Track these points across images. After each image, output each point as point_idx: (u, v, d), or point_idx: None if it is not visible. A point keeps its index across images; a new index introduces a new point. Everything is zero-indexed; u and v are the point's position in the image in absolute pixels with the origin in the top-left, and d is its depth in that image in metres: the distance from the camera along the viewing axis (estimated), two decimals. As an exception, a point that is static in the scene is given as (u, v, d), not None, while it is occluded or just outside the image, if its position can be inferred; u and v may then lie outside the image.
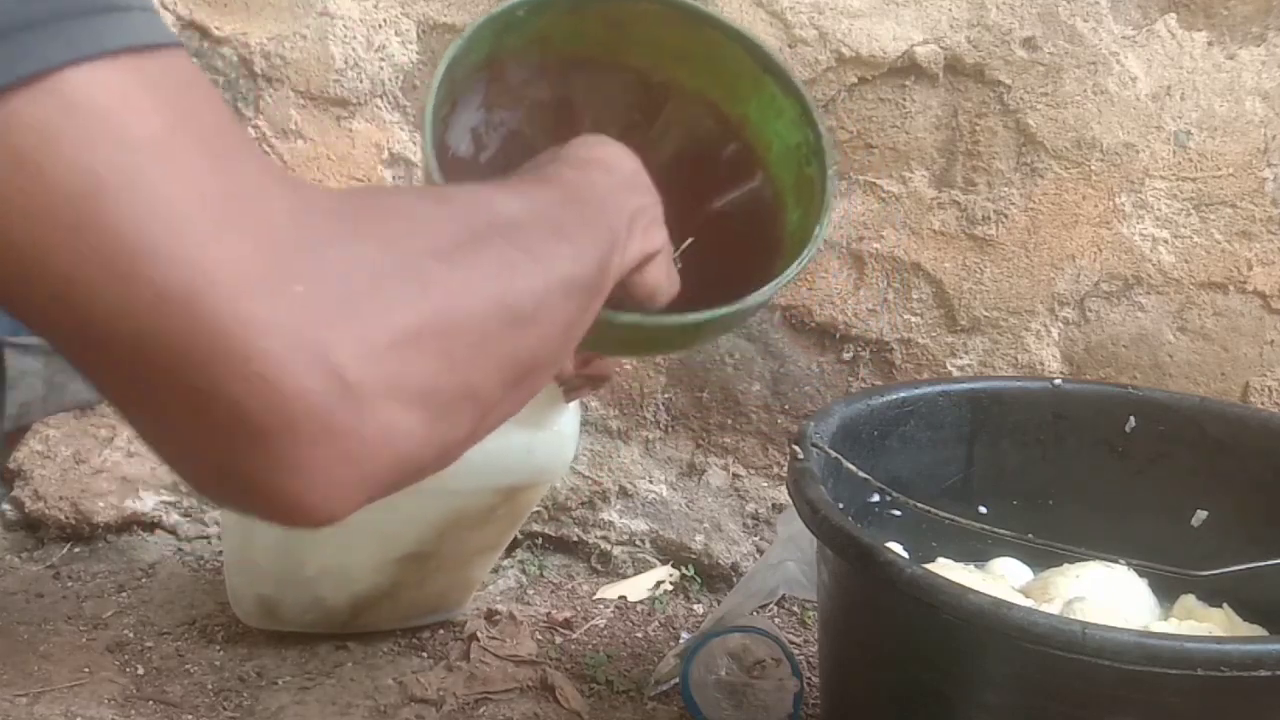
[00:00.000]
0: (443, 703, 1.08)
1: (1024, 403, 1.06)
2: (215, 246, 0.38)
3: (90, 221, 0.36)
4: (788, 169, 0.91)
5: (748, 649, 1.06)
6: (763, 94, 0.90)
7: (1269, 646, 0.68)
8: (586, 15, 0.85)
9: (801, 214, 0.90)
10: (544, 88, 0.88)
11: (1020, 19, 1.12)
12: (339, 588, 1.12)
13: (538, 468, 1.05)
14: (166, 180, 0.37)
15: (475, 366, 0.46)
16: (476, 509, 1.07)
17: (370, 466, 0.41)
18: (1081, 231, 1.16)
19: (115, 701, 1.07)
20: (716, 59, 0.90)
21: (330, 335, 0.39)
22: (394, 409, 0.41)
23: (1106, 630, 0.68)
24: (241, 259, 0.38)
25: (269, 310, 0.38)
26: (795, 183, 0.90)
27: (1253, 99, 1.11)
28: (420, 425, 0.43)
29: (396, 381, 0.41)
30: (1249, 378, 1.17)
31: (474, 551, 1.15)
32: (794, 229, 0.90)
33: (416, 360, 0.42)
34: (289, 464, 0.39)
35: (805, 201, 0.90)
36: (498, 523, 1.11)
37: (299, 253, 0.40)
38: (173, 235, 0.37)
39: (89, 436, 1.35)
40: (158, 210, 0.37)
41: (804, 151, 0.89)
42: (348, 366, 0.39)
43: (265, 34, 1.24)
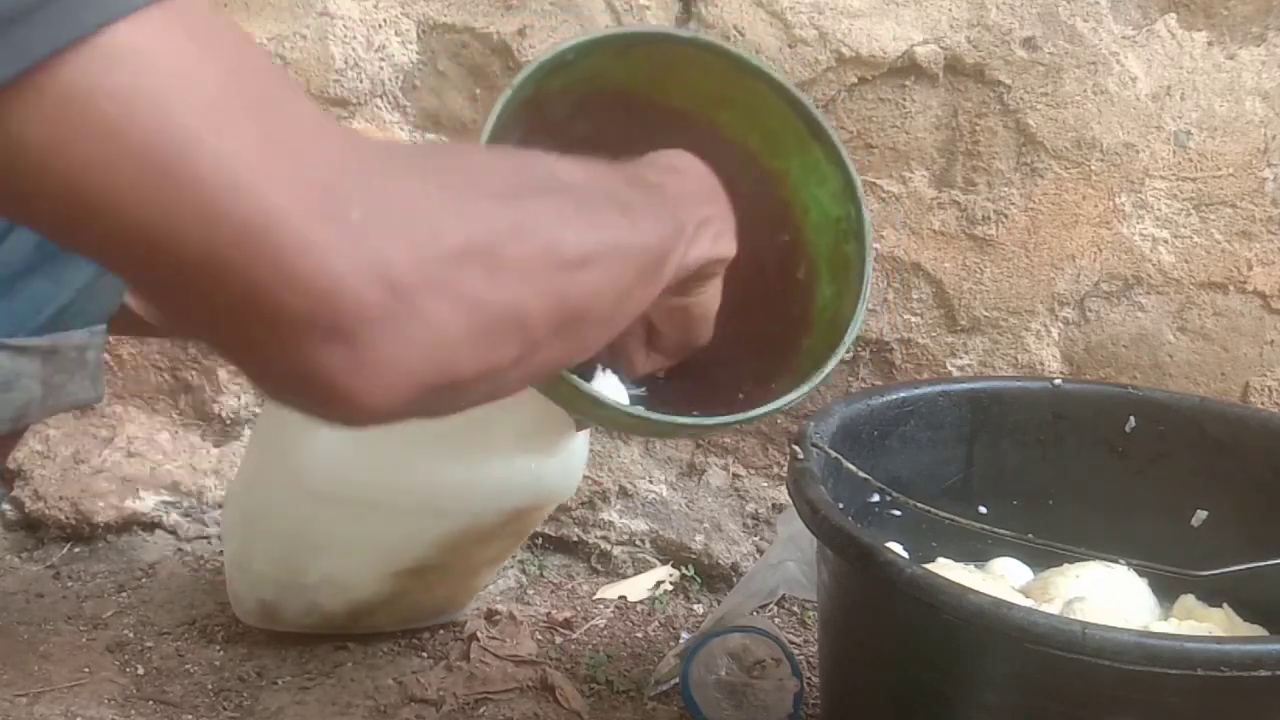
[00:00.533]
0: (443, 703, 1.08)
1: (1024, 403, 1.06)
2: (284, 183, 0.42)
3: (175, 175, 0.40)
4: (824, 239, 0.89)
5: (748, 649, 1.06)
6: (807, 156, 0.88)
7: (1269, 646, 0.68)
8: (633, 57, 0.85)
9: (835, 292, 0.88)
10: (583, 126, 0.87)
11: (1020, 19, 1.12)
12: (339, 596, 1.12)
13: (545, 491, 1.05)
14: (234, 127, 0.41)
15: (522, 293, 0.49)
16: (481, 529, 1.06)
17: (416, 364, 0.46)
18: (1081, 231, 1.16)
19: (115, 701, 1.07)
20: (760, 110, 0.88)
21: (384, 250, 0.44)
22: (442, 307, 0.46)
23: (1106, 630, 0.68)
24: (306, 192, 0.43)
25: (331, 235, 0.43)
26: (830, 256, 0.89)
27: (1253, 99, 1.11)
28: (466, 330, 0.47)
29: (445, 286, 0.46)
30: (1249, 378, 1.17)
31: (477, 565, 1.15)
32: (824, 305, 0.89)
33: (462, 275, 0.46)
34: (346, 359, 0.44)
35: (839, 279, 0.88)
36: (502, 540, 1.11)
37: (354, 183, 0.44)
38: (248, 177, 0.41)
39: (89, 436, 1.36)
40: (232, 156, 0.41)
41: (844, 227, 0.88)
42: (401, 273, 0.44)
43: (265, 34, 1.24)
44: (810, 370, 0.83)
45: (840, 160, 0.88)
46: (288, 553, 1.08)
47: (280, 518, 1.06)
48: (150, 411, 1.36)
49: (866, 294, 0.85)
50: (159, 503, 1.36)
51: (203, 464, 1.36)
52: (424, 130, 1.25)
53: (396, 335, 0.45)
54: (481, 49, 1.21)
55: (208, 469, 1.36)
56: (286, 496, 1.03)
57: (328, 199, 0.43)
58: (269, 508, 1.07)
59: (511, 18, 1.20)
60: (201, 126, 0.40)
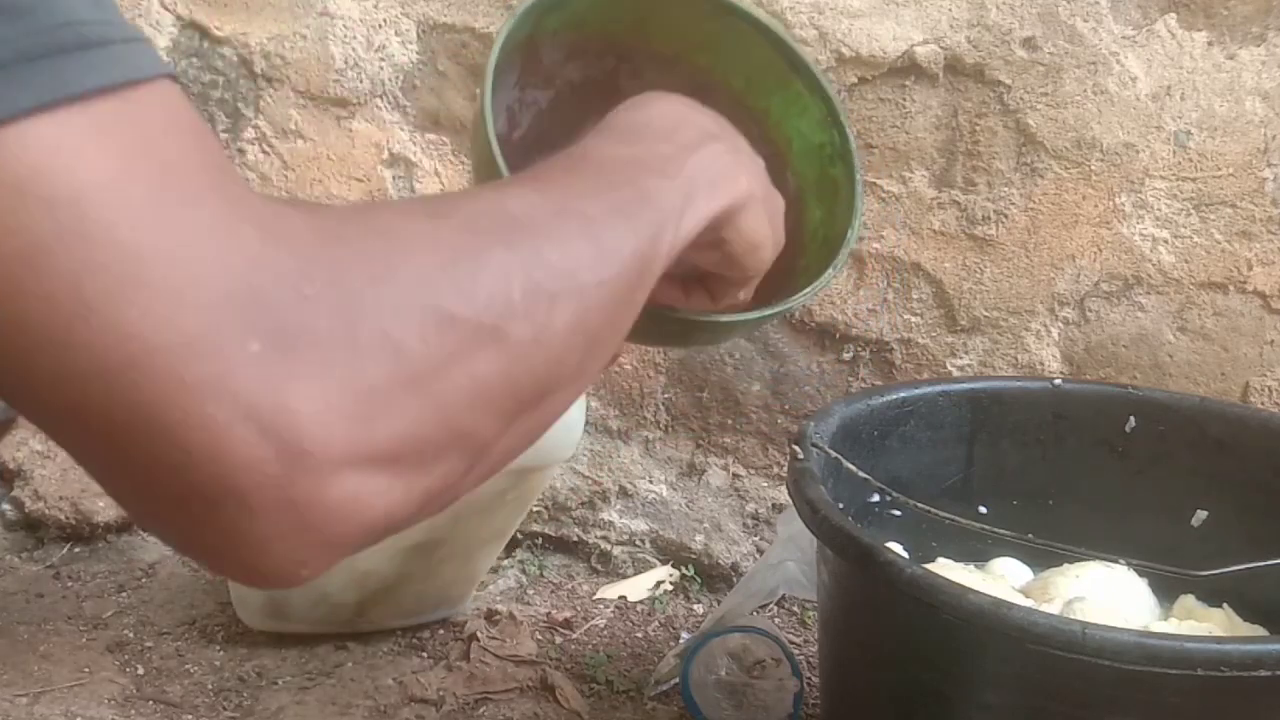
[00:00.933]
0: (443, 703, 1.08)
1: (1024, 403, 1.06)
2: (160, 306, 0.35)
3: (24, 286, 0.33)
4: (809, 166, 0.91)
5: (748, 649, 1.06)
6: (788, 90, 0.90)
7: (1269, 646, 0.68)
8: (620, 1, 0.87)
9: (825, 213, 0.90)
10: (575, 69, 0.89)
11: (1020, 19, 1.12)
12: (347, 580, 1.11)
13: (546, 449, 1.06)
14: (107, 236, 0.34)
15: (467, 408, 0.41)
16: (487, 494, 1.07)
17: (336, 532, 0.38)
18: (1081, 231, 1.16)
19: (115, 701, 1.07)
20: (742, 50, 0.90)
21: (287, 399, 0.36)
22: (361, 474, 0.38)
23: (1106, 630, 0.68)
24: (189, 319, 0.35)
25: (217, 374, 0.35)
26: (817, 181, 0.91)
27: (1253, 99, 1.11)
28: (396, 484, 0.39)
29: (364, 443, 0.37)
30: (1249, 378, 1.17)
31: (482, 540, 1.15)
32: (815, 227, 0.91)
33: (388, 418, 0.38)
34: (242, 534, 0.37)
35: (828, 201, 0.90)
36: (506, 508, 1.11)
37: (257, 305, 0.36)
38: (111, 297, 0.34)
39: (89, 436, 1.35)
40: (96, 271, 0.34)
41: (828, 152, 0.90)
42: (305, 432, 0.36)
43: (265, 34, 1.24)
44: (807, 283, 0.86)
45: (820, 89, 0.90)
46: None
47: None
48: (150, 411, 1.36)
49: (859, 207, 0.87)
50: (159, 503, 1.36)
51: (203, 464, 1.36)
52: (424, 130, 1.25)
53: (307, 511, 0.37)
54: (481, 49, 1.21)
55: (208, 469, 1.36)
56: None
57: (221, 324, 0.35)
58: None
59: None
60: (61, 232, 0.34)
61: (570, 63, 0.88)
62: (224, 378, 0.35)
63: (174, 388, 0.35)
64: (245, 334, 0.35)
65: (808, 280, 0.86)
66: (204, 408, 0.35)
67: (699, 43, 0.90)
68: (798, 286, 0.87)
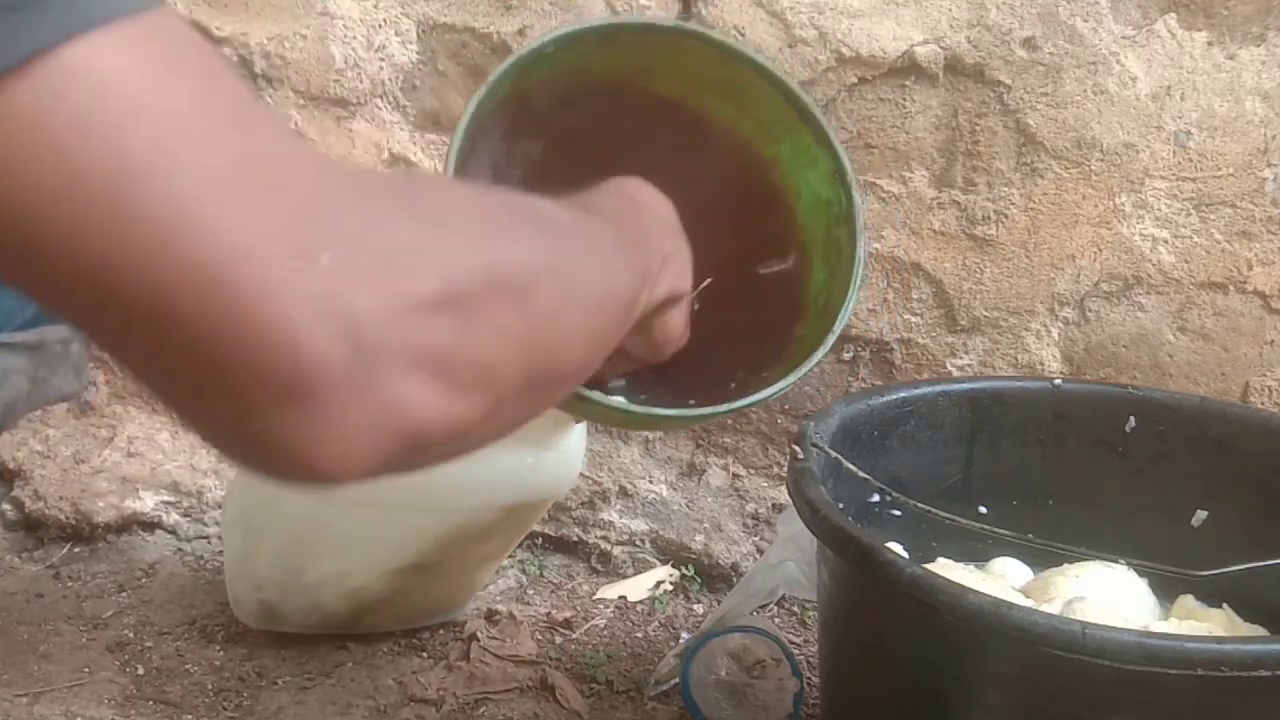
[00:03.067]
0: (443, 703, 1.08)
1: (1024, 403, 1.06)
2: (246, 219, 0.38)
3: (124, 203, 0.37)
4: (817, 223, 0.88)
5: (748, 649, 1.06)
6: (797, 140, 0.87)
7: (1269, 646, 0.68)
8: (618, 47, 0.83)
9: (827, 276, 0.87)
10: (570, 116, 0.86)
11: (1020, 19, 1.12)
12: (339, 595, 1.12)
13: (542, 485, 1.06)
14: (195, 156, 0.38)
15: (493, 348, 0.46)
16: (480, 525, 1.07)
17: (384, 430, 0.42)
18: (1081, 231, 1.16)
19: (115, 701, 1.07)
20: (750, 96, 0.87)
21: (352, 302, 0.40)
22: (410, 376, 0.42)
23: (1106, 630, 0.68)
24: (271, 230, 0.39)
25: (295, 280, 0.39)
26: (823, 241, 0.88)
27: (1253, 99, 1.11)
28: (434, 396, 0.43)
29: (414, 348, 0.42)
30: (1249, 378, 1.17)
31: (476, 562, 1.15)
32: (818, 291, 0.88)
33: (434, 330, 0.43)
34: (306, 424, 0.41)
35: (832, 263, 0.87)
36: (500, 536, 1.11)
37: (325, 221, 0.40)
38: (205, 212, 0.38)
39: (89, 436, 1.36)
40: (189, 188, 0.37)
41: (835, 212, 0.87)
42: (367, 332, 0.40)
43: (265, 34, 1.24)
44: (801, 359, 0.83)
45: (828, 142, 0.87)
46: (289, 551, 1.08)
47: (281, 516, 1.06)
48: (150, 411, 1.36)
49: (858, 279, 0.84)
50: (159, 503, 1.36)
51: (203, 464, 1.36)
52: (424, 130, 1.25)
53: (361, 398, 0.41)
54: (481, 49, 1.21)
55: (208, 469, 1.36)
56: (287, 494, 1.03)
57: (294, 240, 0.39)
58: (270, 506, 1.07)
59: (511, 18, 1.20)
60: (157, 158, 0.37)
61: (566, 109, 0.85)
62: (301, 281, 0.39)
63: (258, 293, 0.38)
64: (316, 246, 0.40)
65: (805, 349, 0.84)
66: (283, 307, 0.39)
67: (705, 86, 0.87)
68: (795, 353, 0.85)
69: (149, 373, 0.42)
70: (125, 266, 0.37)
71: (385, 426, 0.42)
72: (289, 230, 0.39)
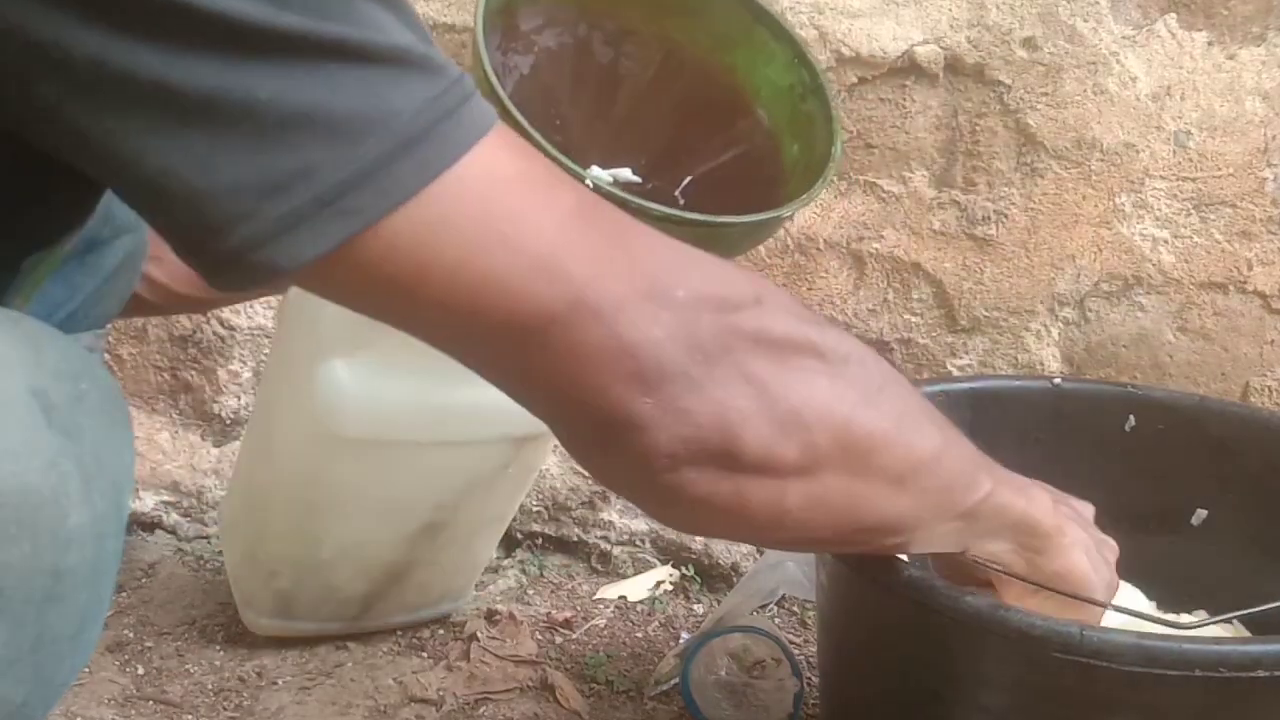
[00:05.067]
0: (443, 703, 1.08)
1: (1024, 402, 1.06)
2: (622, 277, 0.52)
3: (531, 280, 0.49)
4: (780, 108, 0.98)
5: (748, 649, 1.06)
6: (753, 41, 0.97)
7: (1268, 647, 0.68)
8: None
9: (802, 146, 0.95)
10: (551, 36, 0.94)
11: (1020, 19, 1.12)
12: (355, 570, 1.11)
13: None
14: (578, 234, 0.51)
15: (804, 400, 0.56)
16: (489, 468, 1.08)
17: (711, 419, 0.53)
18: (1081, 231, 1.16)
19: (115, 701, 1.07)
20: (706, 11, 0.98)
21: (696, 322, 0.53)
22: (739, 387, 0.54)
23: (1104, 632, 0.68)
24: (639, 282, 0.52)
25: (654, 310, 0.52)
26: (790, 120, 0.97)
27: (1253, 99, 1.11)
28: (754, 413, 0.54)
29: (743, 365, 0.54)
30: (1249, 378, 1.17)
31: (483, 522, 1.15)
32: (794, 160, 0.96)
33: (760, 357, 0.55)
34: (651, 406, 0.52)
35: (804, 136, 0.97)
36: (506, 484, 1.12)
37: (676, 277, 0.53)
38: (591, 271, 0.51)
39: (89, 436, 1.35)
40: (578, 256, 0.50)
41: (799, 91, 0.96)
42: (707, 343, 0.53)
43: (265, 34, 1.24)
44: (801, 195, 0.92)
45: (785, 35, 1.00)
46: (302, 521, 1.08)
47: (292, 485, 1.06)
48: (150, 411, 1.36)
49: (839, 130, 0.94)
50: (159, 503, 1.36)
51: (203, 464, 1.36)
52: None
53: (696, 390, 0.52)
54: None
55: (208, 469, 1.36)
56: (301, 449, 1.04)
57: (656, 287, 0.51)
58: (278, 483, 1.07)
59: (511, 18, 1.20)
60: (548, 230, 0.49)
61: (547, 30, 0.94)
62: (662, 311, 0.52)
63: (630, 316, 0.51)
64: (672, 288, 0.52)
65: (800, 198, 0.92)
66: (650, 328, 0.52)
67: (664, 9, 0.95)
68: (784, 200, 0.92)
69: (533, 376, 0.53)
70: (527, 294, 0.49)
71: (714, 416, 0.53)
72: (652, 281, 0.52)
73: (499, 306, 0.49)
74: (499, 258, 0.48)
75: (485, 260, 0.48)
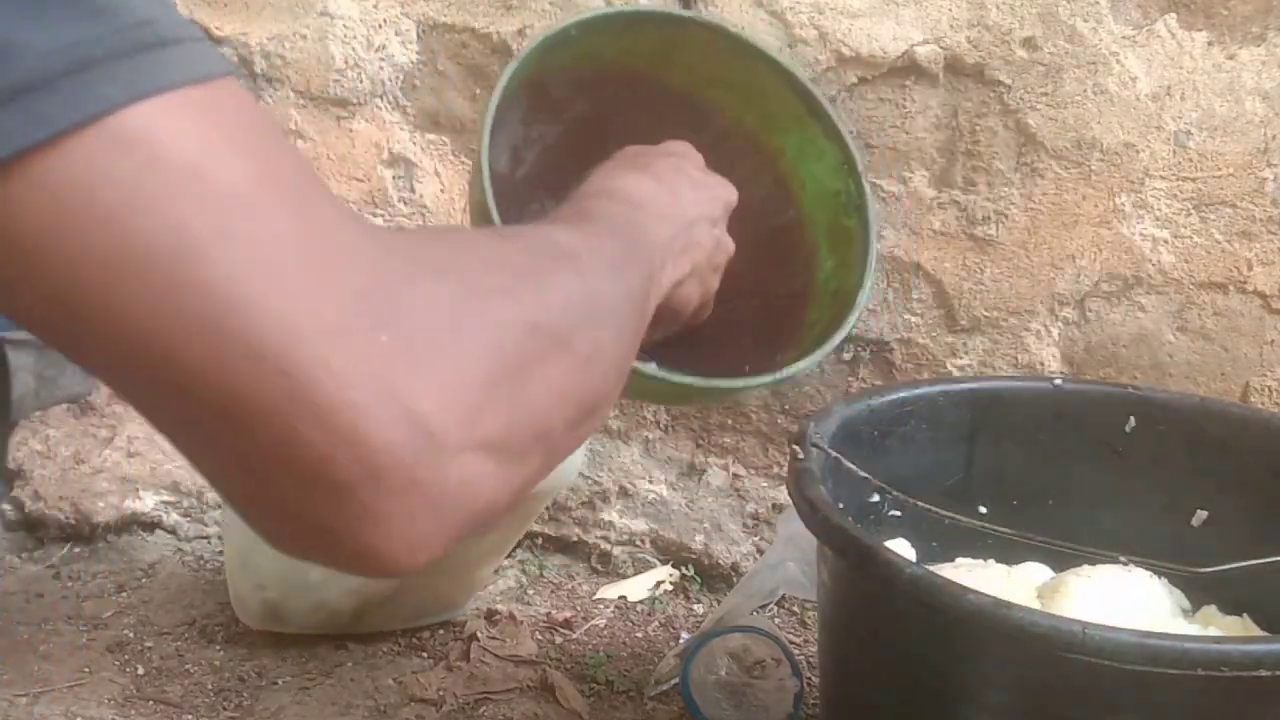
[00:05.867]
0: (443, 703, 1.08)
1: (1024, 403, 1.06)
2: (305, 298, 0.37)
3: (180, 279, 0.35)
4: (822, 213, 0.90)
5: (748, 649, 1.06)
6: (804, 133, 0.89)
7: (1269, 647, 0.68)
8: (634, 36, 0.86)
9: (837, 263, 0.89)
10: (585, 104, 0.88)
11: (1020, 19, 1.12)
12: (343, 591, 1.12)
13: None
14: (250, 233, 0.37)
15: (546, 409, 0.46)
16: None
17: (451, 516, 0.41)
18: (1081, 231, 1.16)
19: (115, 701, 1.07)
20: (758, 89, 0.90)
21: (414, 385, 0.39)
22: (473, 458, 0.41)
23: (1107, 630, 0.68)
24: (330, 309, 0.38)
25: (356, 362, 0.38)
26: (829, 230, 0.90)
27: (1253, 99, 1.11)
28: (497, 472, 0.43)
29: (476, 430, 0.41)
30: (1249, 378, 1.17)
31: (478, 556, 1.15)
32: (827, 278, 0.90)
33: (493, 408, 0.42)
34: (372, 515, 0.39)
35: (841, 251, 0.89)
36: (503, 529, 1.11)
37: (383, 300, 0.39)
38: (263, 289, 0.36)
39: (89, 436, 1.35)
40: (247, 265, 0.36)
41: (843, 201, 0.89)
42: (430, 417, 0.39)
43: (265, 34, 1.24)
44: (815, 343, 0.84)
45: (837, 135, 0.89)
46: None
47: None
48: (150, 411, 1.35)
49: (873, 264, 0.86)
50: (159, 503, 1.36)
51: (203, 464, 1.36)
52: (424, 130, 1.25)
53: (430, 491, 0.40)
54: (481, 49, 1.21)
55: (208, 469, 1.36)
56: None
57: (356, 316, 0.38)
58: None
59: (511, 18, 1.20)
60: (214, 230, 0.36)
61: (580, 97, 0.87)
62: (363, 364, 0.38)
63: (322, 373, 0.37)
64: (377, 326, 0.38)
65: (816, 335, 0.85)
66: (346, 392, 0.37)
67: (716, 79, 0.89)
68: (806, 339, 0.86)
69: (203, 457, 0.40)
70: (176, 342, 0.36)
71: (455, 510, 0.41)
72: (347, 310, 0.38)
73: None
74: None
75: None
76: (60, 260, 0.35)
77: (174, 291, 0.35)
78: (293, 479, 0.38)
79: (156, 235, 0.35)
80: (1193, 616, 0.98)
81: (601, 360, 0.51)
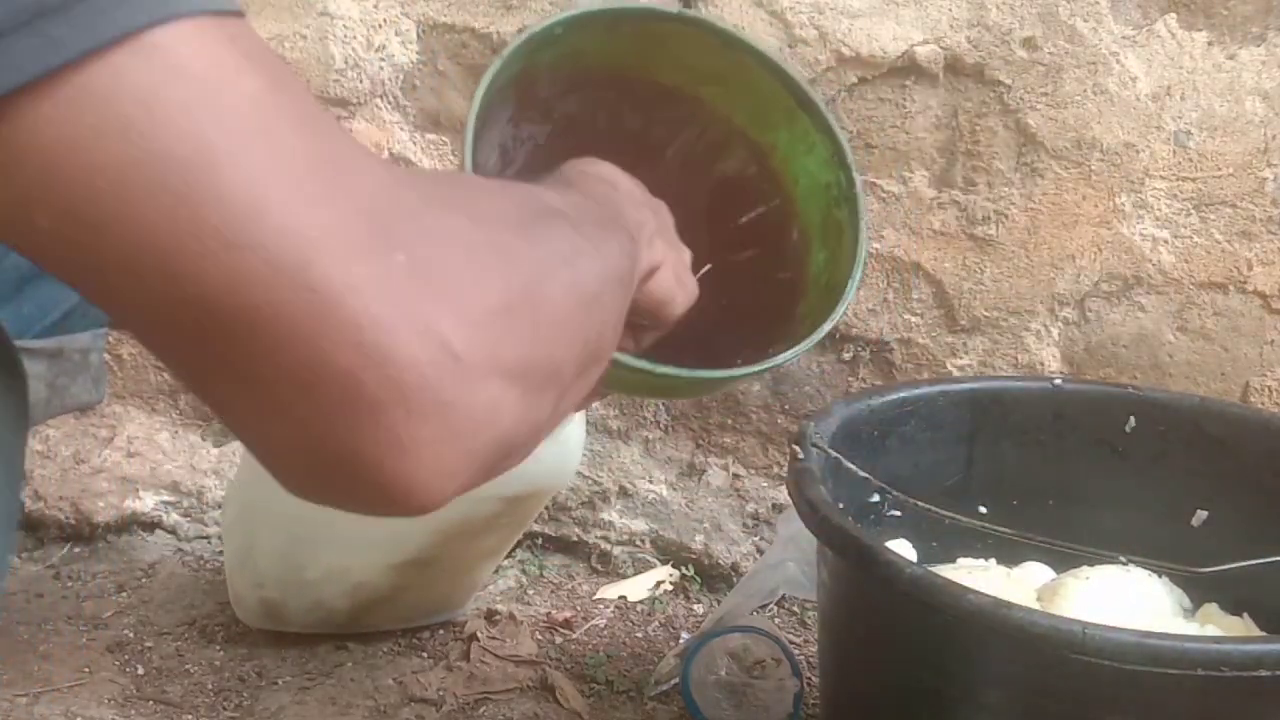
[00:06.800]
0: (443, 703, 1.08)
1: (1024, 403, 1.06)
2: (323, 212, 0.36)
3: (198, 188, 0.35)
4: (815, 206, 0.90)
5: (748, 649, 1.06)
6: (795, 126, 0.89)
7: (1269, 646, 0.68)
8: (621, 33, 0.85)
9: (828, 256, 0.89)
10: (574, 102, 0.87)
11: (1020, 19, 1.12)
12: (340, 591, 1.12)
13: (542, 476, 1.05)
14: (272, 145, 0.36)
15: (558, 343, 0.45)
16: (480, 517, 1.07)
17: (476, 443, 0.40)
18: (1081, 231, 1.16)
19: (115, 701, 1.07)
20: (748, 84, 0.89)
21: (434, 306, 0.38)
22: (496, 383, 0.40)
23: (1107, 630, 0.68)
24: (348, 225, 0.37)
25: (380, 279, 0.37)
26: (822, 222, 0.90)
27: (1253, 99, 1.11)
28: (518, 401, 0.42)
29: (497, 354, 0.40)
30: (1249, 378, 1.17)
31: (476, 558, 1.15)
32: (818, 271, 0.90)
33: (512, 333, 0.41)
34: (400, 439, 0.38)
35: (832, 244, 0.89)
36: (501, 530, 1.11)
37: (398, 221, 0.38)
38: (283, 201, 0.36)
39: (89, 436, 1.35)
40: (266, 176, 0.36)
41: (834, 193, 0.89)
42: (453, 338, 0.38)
43: (265, 34, 1.24)
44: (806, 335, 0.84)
45: (827, 128, 0.89)
46: (289, 548, 1.08)
47: (281, 515, 1.06)
48: (150, 411, 1.36)
49: (863, 255, 0.86)
50: (159, 503, 1.36)
51: (202, 464, 1.36)
52: (424, 130, 1.25)
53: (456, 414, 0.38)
54: (481, 49, 1.21)
55: (208, 469, 1.36)
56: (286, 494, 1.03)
57: (373, 233, 0.37)
58: (270, 501, 1.07)
59: (511, 18, 1.20)
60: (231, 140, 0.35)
61: (569, 95, 0.87)
62: (386, 282, 0.37)
63: (341, 288, 0.36)
64: (393, 245, 0.37)
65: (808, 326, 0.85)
66: (374, 309, 0.36)
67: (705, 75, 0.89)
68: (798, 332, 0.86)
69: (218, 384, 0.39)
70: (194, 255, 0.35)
71: (482, 436, 0.40)
72: (363, 228, 0.37)
73: None
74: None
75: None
76: (79, 173, 0.34)
77: (192, 201, 0.35)
78: (316, 402, 0.37)
79: (174, 144, 0.34)
80: (1193, 615, 0.98)
81: (600, 307, 0.50)
